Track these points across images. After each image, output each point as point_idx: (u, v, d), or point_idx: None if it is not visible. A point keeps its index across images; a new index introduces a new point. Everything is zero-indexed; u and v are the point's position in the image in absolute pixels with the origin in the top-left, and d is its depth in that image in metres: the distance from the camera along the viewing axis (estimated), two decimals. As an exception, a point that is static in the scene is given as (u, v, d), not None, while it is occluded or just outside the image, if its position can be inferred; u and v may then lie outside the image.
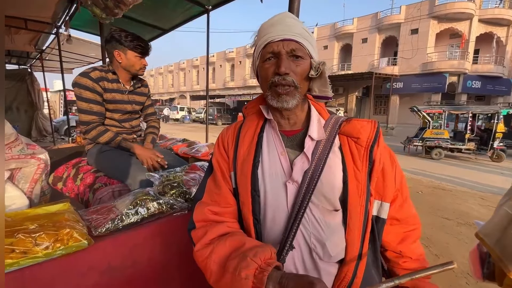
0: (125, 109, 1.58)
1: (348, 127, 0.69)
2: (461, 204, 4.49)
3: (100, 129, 1.46)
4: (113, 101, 1.52)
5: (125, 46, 1.44)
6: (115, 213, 0.91)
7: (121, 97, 1.55)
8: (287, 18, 0.68)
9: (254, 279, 0.52)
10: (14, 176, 1.28)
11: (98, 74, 1.45)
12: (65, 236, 0.71)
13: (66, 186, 1.49)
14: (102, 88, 1.46)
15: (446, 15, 19.02)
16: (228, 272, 0.56)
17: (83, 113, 1.43)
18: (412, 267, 0.72)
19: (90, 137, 1.46)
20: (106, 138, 1.46)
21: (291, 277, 0.51)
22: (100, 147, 1.49)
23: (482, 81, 19.20)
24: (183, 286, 1.02)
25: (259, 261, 0.54)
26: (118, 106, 1.54)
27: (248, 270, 0.53)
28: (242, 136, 0.73)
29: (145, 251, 0.92)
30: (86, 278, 0.76)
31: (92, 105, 1.44)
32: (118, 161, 1.44)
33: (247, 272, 0.53)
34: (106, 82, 1.48)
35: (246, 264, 0.54)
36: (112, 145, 1.48)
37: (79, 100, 1.43)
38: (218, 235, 0.65)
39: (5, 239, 0.67)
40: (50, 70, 8.00)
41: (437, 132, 8.81)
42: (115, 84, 1.52)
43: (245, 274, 0.53)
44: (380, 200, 0.69)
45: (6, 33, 4.43)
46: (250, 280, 0.52)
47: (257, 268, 0.53)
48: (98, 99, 1.45)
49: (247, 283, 0.52)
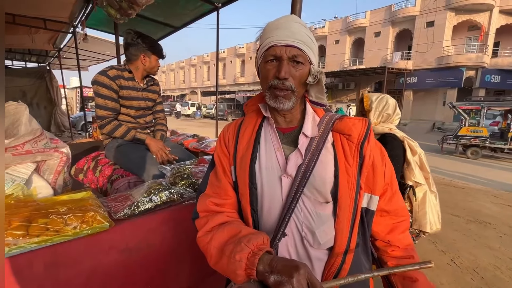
0: (139, 106, 1.70)
1: (340, 124, 0.74)
2: (472, 202, 4.43)
3: (115, 123, 1.58)
4: (129, 97, 1.64)
5: (151, 52, 1.61)
6: (131, 201, 1.02)
7: (136, 94, 1.66)
8: (293, 22, 0.71)
9: (247, 262, 0.59)
10: (40, 168, 1.41)
11: (115, 72, 1.57)
12: (90, 218, 0.82)
13: (86, 177, 1.62)
14: (118, 85, 1.57)
15: (464, 7, 18.26)
16: (225, 256, 0.63)
17: (99, 108, 1.55)
18: (399, 256, 0.78)
19: (106, 132, 1.58)
20: (120, 132, 1.58)
21: (280, 260, 0.57)
22: (117, 143, 1.61)
23: (502, 75, 18.40)
24: (192, 267, 1.12)
25: (252, 246, 0.61)
26: (133, 102, 1.66)
27: (242, 254, 0.59)
28: (242, 132, 0.80)
29: (158, 234, 1.02)
30: (108, 256, 0.87)
31: (108, 101, 1.55)
32: (133, 156, 1.55)
33: (241, 255, 0.59)
34: (122, 80, 1.59)
35: (240, 249, 0.60)
36: (127, 138, 1.60)
37: (97, 96, 1.55)
38: (218, 223, 0.72)
39: (40, 219, 0.78)
40: (67, 68, 8.30)
41: (474, 129, 8.16)
42: (131, 82, 1.64)
43: (239, 257, 0.59)
44: (370, 193, 0.75)
45: (27, 33, 4.66)
46: (243, 262, 0.58)
47: (250, 252, 0.60)
48: (114, 96, 1.57)
49: (240, 265, 0.59)
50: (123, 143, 1.61)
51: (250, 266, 0.58)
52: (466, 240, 3.09)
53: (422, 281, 0.73)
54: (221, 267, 0.65)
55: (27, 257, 0.73)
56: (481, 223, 3.61)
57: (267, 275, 0.55)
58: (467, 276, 2.40)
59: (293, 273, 0.52)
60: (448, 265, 2.57)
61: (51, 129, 7.94)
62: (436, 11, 19.29)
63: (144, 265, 0.97)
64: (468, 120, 8.49)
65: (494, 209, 4.16)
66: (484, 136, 7.99)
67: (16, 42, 5.39)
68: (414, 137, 1.86)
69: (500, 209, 4.16)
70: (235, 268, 0.59)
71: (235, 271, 0.59)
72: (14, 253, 0.71)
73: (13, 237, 0.71)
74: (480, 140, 8.00)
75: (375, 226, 0.78)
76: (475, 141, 8.07)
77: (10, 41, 5.35)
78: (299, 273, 0.52)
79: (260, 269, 0.57)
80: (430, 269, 2.00)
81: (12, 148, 1.20)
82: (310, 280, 0.53)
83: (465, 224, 3.56)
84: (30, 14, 3.91)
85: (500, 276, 2.43)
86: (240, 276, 0.59)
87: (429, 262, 0.57)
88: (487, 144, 7.92)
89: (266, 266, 0.57)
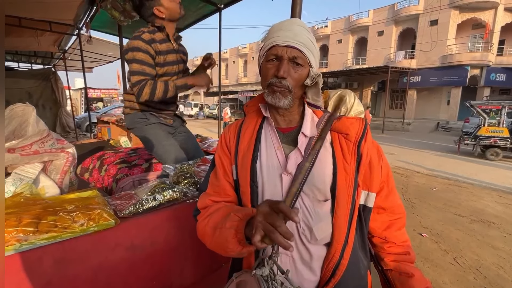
0: (174, 71, 1.53)
1: (338, 124, 0.76)
2: (476, 201, 4.40)
3: (151, 82, 1.39)
4: (167, 63, 1.48)
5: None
6: (136, 199, 1.05)
7: (172, 58, 1.50)
8: (296, 25, 0.74)
9: (236, 228, 0.64)
10: (46, 168, 1.44)
11: (148, 36, 1.40)
12: (97, 215, 0.85)
13: (92, 176, 1.65)
14: (154, 50, 1.42)
15: (468, 5, 18.07)
16: (217, 229, 0.69)
17: (136, 75, 1.37)
18: (396, 252, 0.80)
19: (146, 97, 1.39)
20: (160, 90, 1.40)
21: (261, 203, 0.62)
22: (144, 119, 1.48)
23: (508, 73, 18.16)
24: (195, 264, 1.14)
25: (240, 215, 0.66)
26: (169, 68, 1.50)
27: (232, 222, 0.65)
28: (243, 132, 0.82)
29: (162, 232, 1.04)
30: (114, 253, 0.90)
31: (145, 66, 1.38)
32: (166, 143, 1.48)
33: (231, 223, 0.65)
34: (158, 44, 1.43)
35: (230, 218, 0.67)
36: (170, 93, 1.43)
37: (132, 63, 1.38)
38: (216, 209, 0.77)
39: (49, 216, 0.81)
40: (72, 69, 8.40)
41: (494, 130, 7.85)
42: (165, 45, 1.46)
43: (230, 225, 0.65)
44: (367, 190, 0.77)
45: (33, 35, 4.74)
46: (233, 229, 0.64)
47: (238, 220, 0.65)
48: (150, 62, 1.41)
49: (230, 232, 0.64)
50: (152, 122, 1.48)
51: (239, 231, 0.63)
52: (470, 240, 3.09)
53: (417, 277, 0.74)
54: (215, 242, 0.71)
55: (37, 253, 0.76)
56: (485, 222, 3.59)
57: (251, 234, 0.59)
58: (470, 276, 2.40)
59: (256, 215, 0.58)
60: (451, 265, 2.56)
61: (57, 130, 8.05)
62: (440, 9, 19.13)
63: (148, 262, 1.00)
64: (488, 120, 8.21)
65: (498, 208, 4.13)
66: (505, 137, 7.67)
67: (22, 44, 5.48)
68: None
69: (504, 208, 4.13)
70: (226, 236, 0.65)
71: (226, 238, 0.65)
72: (25, 248, 0.74)
73: (23, 233, 0.74)
74: (501, 141, 7.71)
75: (372, 223, 0.80)
76: (495, 141, 7.80)
77: (16, 44, 5.43)
78: (260, 211, 0.58)
79: (247, 232, 0.62)
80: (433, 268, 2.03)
81: (20, 149, 1.23)
82: (273, 207, 0.57)
83: (468, 223, 3.54)
84: (35, 17, 3.98)
85: (504, 276, 2.42)
86: (231, 243, 0.64)
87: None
88: (508, 144, 7.62)
89: (251, 226, 0.61)
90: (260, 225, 0.55)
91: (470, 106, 8.49)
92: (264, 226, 0.55)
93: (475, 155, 8.38)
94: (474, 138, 8.21)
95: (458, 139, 8.87)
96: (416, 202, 4.31)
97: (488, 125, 8.16)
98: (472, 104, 8.48)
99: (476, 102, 8.62)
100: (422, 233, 3.20)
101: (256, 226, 0.56)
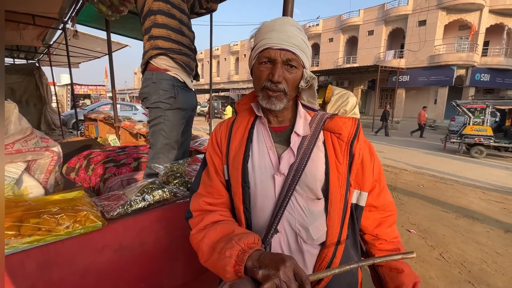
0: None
1: (331, 123, 0.76)
2: (461, 198, 4.54)
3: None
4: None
5: None
6: (124, 200, 1.02)
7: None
8: (288, 25, 0.72)
9: (236, 258, 0.60)
10: (30, 167, 1.39)
11: None
12: (83, 217, 0.82)
13: (78, 175, 1.60)
14: None
15: (455, 6, 18.52)
16: (216, 252, 0.65)
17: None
18: (386, 248, 0.81)
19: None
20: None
21: (267, 255, 0.59)
22: (171, 85, 1.31)
23: (492, 74, 18.78)
24: (185, 265, 1.13)
25: (242, 244, 0.63)
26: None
27: (232, 251, 0.62)
28: (234, 131, 0.81)
29: (152, 233, 1.02)
30: (101, 255, 0.87)
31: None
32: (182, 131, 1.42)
33: (231, 252, 0.61)
34: None
35: (231, 246, 0.62)
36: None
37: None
38: (211, 222, 0.74)
39: (31, 219, 0.78)
40: (58, 65, 8.16)
41: (478, 128, 8.10)
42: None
43: (229, 253, 0.61)
44: (359, 189, 0.77)
45: (15, 29, 4.55)
46: (233, 259, 0.60)
47: (240, 250, 0.62)
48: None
49: (230, 261, 0.61)
50: (178, 101, 1.33)
51: (239, 263, 0.60)
52: (455, 235, 3.18)
53: (407, 272, 0.75)
54: (211, 264, 0.67)
55: (19, 257, 0.73)
56: (470, 218, 3.71)
57: (255, 270, 0.57)
58: (455, 270, 2.48)
59: (279, 266, 0.54)
60: (437, 260, 2.64)
61: (41, 127, 7.81)
62: (428, 10, 19.53)
63: (137, 264, 0.98)
64: (473, 119, 8.44)
65: (482, 204, 4.27)
66: (488, 135, 7.94)
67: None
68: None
69: (487, 204, 4.28)
70: (224, 264, 0.61)
71: (224, 267, 0.61)
72: (6, 253, 0.71)
73: (4, 237, 0.71)
74: (485, 139, 7.97)
75: (364, 221, 0.81)
76: (479, 140, 8.04)
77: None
78: (285, 266, 0.54)
79: (249, 265, 0.59)
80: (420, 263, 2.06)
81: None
82: (296, 272, 0.55)
83: (454, 219, 3.65)
84: (18, 10, 3.82)
85: (486, 270, 2.51)
86: (228, 272, 0.61)
87: (411, 253, 0.60)
88: (491, 143, 7.88)
89: (255, 261, 0.59)
90: (277, 281, 0.53)
91: (456, 106, 8.75)
92: (281, 286, 0.53)
93: (461, 153, 8.67)
94: (459, 136, 8.45)
95: (444, 138, 9.12)
96: (404, 199, 4.40)
97: (473, 124, 8.41)
98: (458, 103, 8.73)
99: (462, 102, 8.89)
100: (410, 230, 3.27)
101: (271, 276, 0.54)
